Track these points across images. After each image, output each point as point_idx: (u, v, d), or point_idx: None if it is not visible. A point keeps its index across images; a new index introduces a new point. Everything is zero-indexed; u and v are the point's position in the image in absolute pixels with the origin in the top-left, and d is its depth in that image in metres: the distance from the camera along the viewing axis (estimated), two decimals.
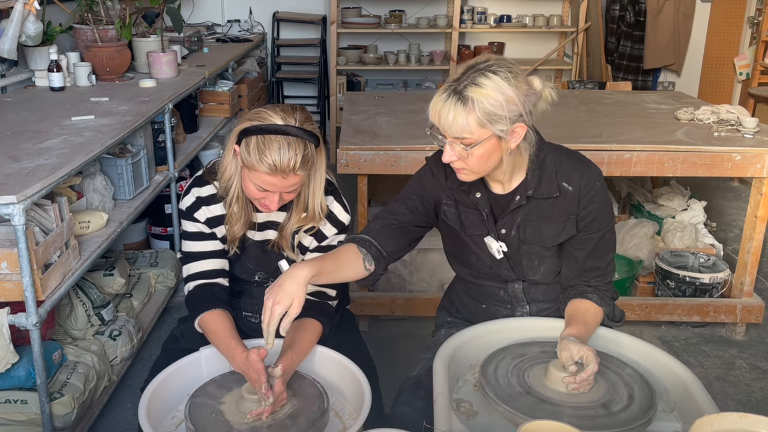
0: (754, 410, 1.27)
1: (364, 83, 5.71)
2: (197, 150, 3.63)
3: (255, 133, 1.56)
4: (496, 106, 1.47)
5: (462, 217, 1.73)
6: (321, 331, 1.75)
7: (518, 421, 1.35)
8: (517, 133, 1.52)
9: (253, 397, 1.50)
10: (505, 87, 1.47)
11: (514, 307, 1.80)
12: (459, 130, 1.49)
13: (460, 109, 1.48)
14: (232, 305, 1.82)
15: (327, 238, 1.80)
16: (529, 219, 1.68)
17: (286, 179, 1.58)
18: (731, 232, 4.23)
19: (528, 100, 1.51)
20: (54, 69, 3.05)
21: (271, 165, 1.55)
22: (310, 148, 1.59)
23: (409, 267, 3.16)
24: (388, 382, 1.93)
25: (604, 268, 1.71)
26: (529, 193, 1.64)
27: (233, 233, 1.75)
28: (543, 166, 1.64)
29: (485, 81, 1.47)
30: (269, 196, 1.63)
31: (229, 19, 5.69)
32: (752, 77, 5.40)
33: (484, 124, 1.48)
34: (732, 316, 3.05)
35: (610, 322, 1.72)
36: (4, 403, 2.14)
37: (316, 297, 1.81)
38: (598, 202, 1.65)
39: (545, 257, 1.72)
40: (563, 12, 5.85)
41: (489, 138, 1.50)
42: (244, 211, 1.73)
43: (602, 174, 1.69)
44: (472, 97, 1.47)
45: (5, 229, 2.04)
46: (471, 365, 1.63)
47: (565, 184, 1.64)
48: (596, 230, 1.67)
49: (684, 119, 3.21)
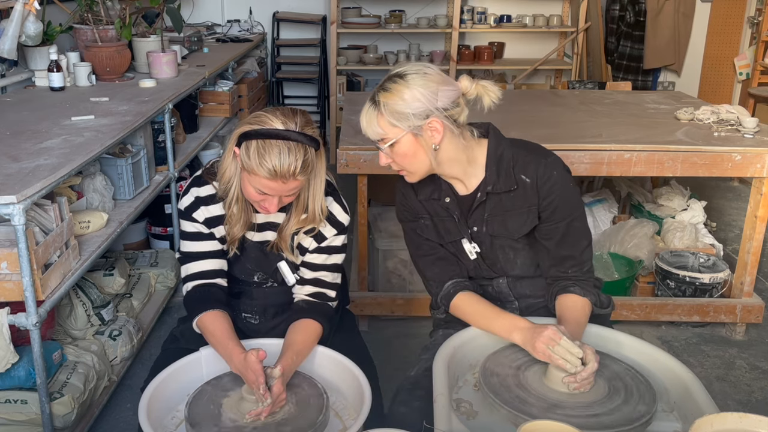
0: (754, 410, 1.27)
1: (364, 83, 5.71)
2: (197, 150, 3.63)
3: (255, 137, 1.56)
4: (400, 105, 1.58)
5: (438, 228, 1.79)
6: (321, 331, 1.75)
7: (518, 421, 1.35)
8: (435, 128, 1.61)
9: (252, 397, 1.50)
10: (410, 87, 1.59)
11: (503, 304, 1.82)
12: (375, 133, 1.63)
13: (373, 114, 1.62)
14: (231, 306, 1.82)
15: (326, 239, 1.80)
16: (494, 214, 1.74)
17: (285, 184, 1.59)
18: (731, 232, 4.23)
19: (441, 96, 1.60)
20: (54, 69, 3.05)
21: (271, 170, 1.55)
22: (310, 152, 1.60)
23: (409, 267, 3.16)
24: (387, 382, 1.93)
25: (578, 256, 1.74)
26: (488, 189, 1.71)
27: (233, 234, 1.75)
28: (500, 161, 1.71)
29: (392, 85, 1.61)
30: (268, 199, 1.63)
31: (229, 19, 5.68)
32: (752, 77, 5.40)
33: (394, 123, 1.60)
34: (732, 316, 3.05)
35: (599, 310, 1.74)
36: (4, 403, 2.14)
37: (316, 298, 1.81)
38: (558, 191, 1.70)
39: (518, 249, 1.78)
40: (563, 12, 5.85)
41: (404, 135, 1.61)
42: (244, 212, 1.73)
43: (562, 163, 1.73)
44: (381, 101, 1.60)
45: (5, 229, 2.04)
46: (471, 365, 1.63)
47: (522, 176, 1.70)
48: (561, 219, 1.71)
49: (684, 119, 3.20)
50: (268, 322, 1.89)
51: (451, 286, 1.77)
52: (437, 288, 1.79)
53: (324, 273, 1.81)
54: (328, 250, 1.81)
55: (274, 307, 1.88)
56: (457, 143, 1.66)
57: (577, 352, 1.47)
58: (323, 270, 1.81)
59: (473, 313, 1.72)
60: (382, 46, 5.82)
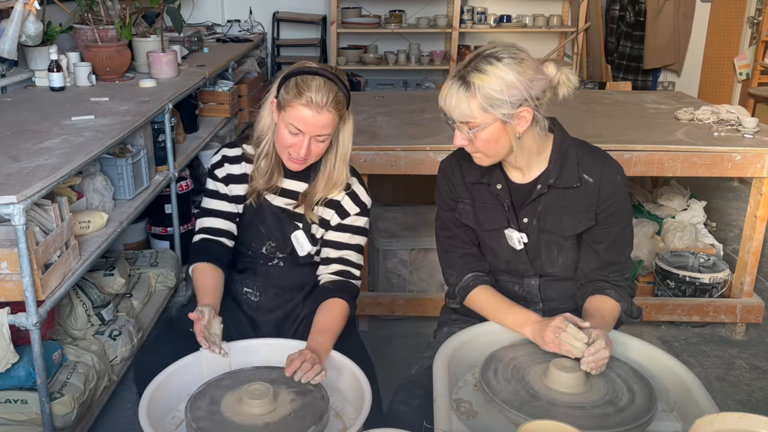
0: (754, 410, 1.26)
1: (364, 83, 5.71)
2: (197, 150, 3.62)
3: (296, 75, 1.72)
4: (497, 91, 1.53)
5: (478, 214, 1.77)
6: (347, 308, 1.82)
7: (518, 421, 1.35)
8: (523, 117, 1.57)
9: (254, 401, 1.50)
10: (507, 72, 1.53)
11: (527, 304, 1.81)
12: (462, 115, 1.57)
13: (463, 95, 1.55)
14: (236, 280, 1.95)
15: (349, 216, 1.87)
16: (549, 208, 1.71)
17: (319, 114, 1.68)
18: (731, 232, 4.23)
19: (535, 85, 1.56)
20: (54, 69, 3.05)
21: (309, 97, 1.68)
22: (342, 95, 1.72)
23: (409, 267, 3.16)
24: (387, 382, 1.92)
25: (623, 263, 1.74)
26: (550, 182, 1.68)
27: (254, 186, 1.85)
28: (565, 156, 1.69)
29: (487, 67, 1.54)
30: (299, 142, 1.72)
31: (229, 19, 5.69)
32: (752, 77, 5.40)
33: (486, 108, 1.54)
34: (732, 316, 3.05)
35: (628, 319, 1.74)
36: (4, 403, 2.14)
37: (342, 276, 1.87)
38: (618, 196, 1.69)
39: (564, 248, 1.75)
40: (563, 12, 5.85)
41: (493, 122, 1.56)
42: (271, 168, 1.83)
43: (623, 171, 1.73)
44: (475, 82, 1.54)
45: (5, 229, 2.04)
46: (471, 365, 1.63)
47: (586, 175, 1.69)
48: (615, 224, 1.71)
49: (684, 119, 3.20)
50: (268, 301, 1.95)
51: (471, 278, 1.76)
52: (457, 279, 1.79)
53: (349, 252, 1.88)
54: (352, 230, 1.88)
55: (275, 287, 1.95)
56: (534, 133, 1.65)
57: (582, 337, 1.47)
58: (348, 249, 1.88)
59: (488, 306, 1.72)
60: (382, 46, 5.82)
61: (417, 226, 3.26)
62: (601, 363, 1.48)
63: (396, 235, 3.16)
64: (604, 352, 1.48)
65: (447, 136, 2.93)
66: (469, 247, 1.80)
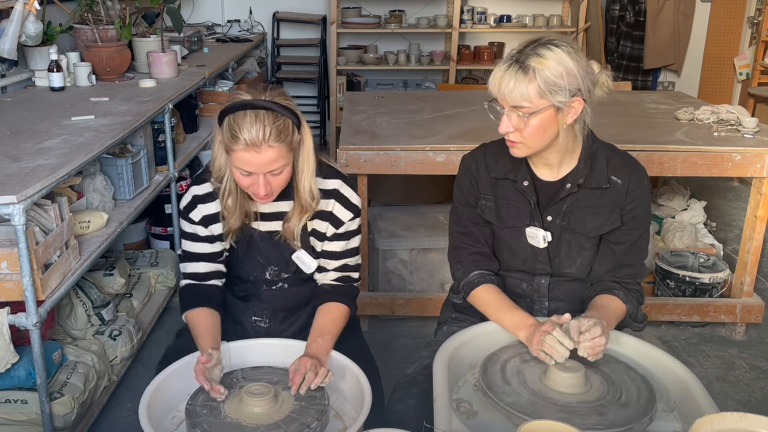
0: (754, 410, 1.26)
1: (364, 83, 5.71)
2: (197, 150, 3.63)
3: (228, 113, 1.58)
4: (557, 76, 1.52)
5: (500, 211, 1.76)
6: (346, 310, 1.80)
7: (518, 421, 1.35)
8: (575, 108, 1.57)
9: (254, 400, 1.50)
10: (567, 59, 1.53)
11: (533, 302, 1.81)
12: (518, 98, 1.54)
13: (521, 77, 1.53)
14: (241, 309, 1.86)
15: (344, 224, 1.80)
16: (575, 208, 1.71)
17: (259, 153, 1.56)
18: (731, 232, 4.23)
19: (587, 77, 1.56)
20: (54, 69, 3.05)
21: (243, 140, 1.55)
22: (283, 120, 1.58)
23: (409, 267, 3.16)
24: (387, 382, 1.92)
25: (637, 267, 1.74)
26: (579, 182, 1.68)
27: (230, 225, 1.76)
28: (595, 157, 1.69)
29: (547, 52, 1.52)
30: (255, 182, 1.62)
31: (229, 19, 5.68)
32: (752, 77, 5.39)
33: (544, 93, 1.53)
34: (732, 316, 3.05)
35: (631, 323, 1.74)
36: (4, 403, 2.14)
37: (342, 282, 1.83)
38: (643, 199, 1.71)
39: (584, 249, 1.75)
40: (563, 12, 5.85)
41: (547, 108, 1.54)
42: (239, 204, 1.74)
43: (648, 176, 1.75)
44: (534, 66, 1.52)
45: (5, 229, 2.04)
46: (471, 365, 1.63)
47: (614, 177, 1.69)
48: (636, 227, 1.72)
49: (684, 119, 3.20)
50: (278, 325, 1.89)
51: (477, 275, 1.76)
52: (463, 274, 1.78)
53: (346, 259, 1.84)
54: (347, 236, 1.82)
55: (284, 310, 1.88)
56: (574, 129, 1.64)
57: (568, 344, 1.47)
58: (345, 257, 1.84)
59: (489, 304, 1.72)
60: (382, 46, 5.82)
61: (417, 226, 3.26)
62: (599, 349, 1.48)
63: (396, 235, 3.16)
64: (600, 339, 1.48)
65: (447, 135, 2.93)
66: (481, 246, 1.80)
